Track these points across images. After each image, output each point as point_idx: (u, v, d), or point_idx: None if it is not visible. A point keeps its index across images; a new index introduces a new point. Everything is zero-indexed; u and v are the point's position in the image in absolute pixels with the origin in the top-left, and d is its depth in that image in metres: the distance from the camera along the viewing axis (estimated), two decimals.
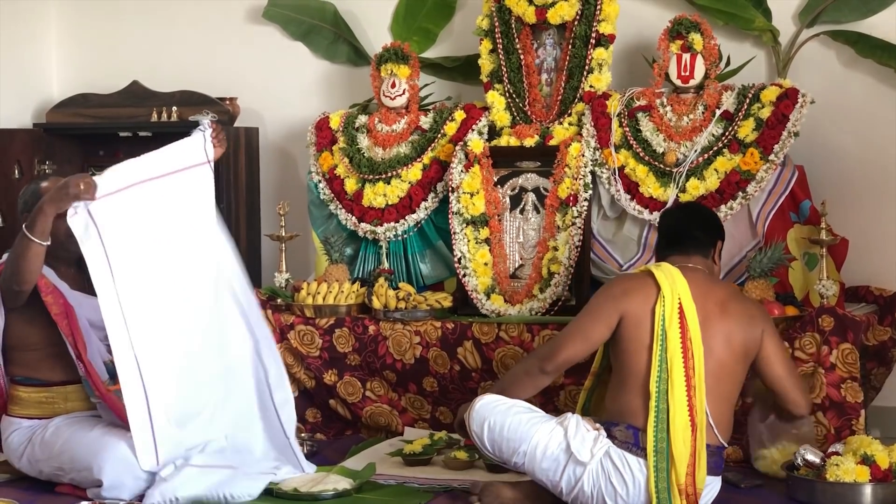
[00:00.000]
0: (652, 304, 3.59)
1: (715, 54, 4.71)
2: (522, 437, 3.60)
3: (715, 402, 3.56)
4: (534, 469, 3.61)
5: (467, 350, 4.62)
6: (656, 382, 3.51)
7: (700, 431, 3.49)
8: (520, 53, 4.98)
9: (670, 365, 3.51)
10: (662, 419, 3.49)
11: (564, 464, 3.55)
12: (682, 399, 3.49)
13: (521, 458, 3.61)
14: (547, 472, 3.58)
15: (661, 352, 3.54)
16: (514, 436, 3.62)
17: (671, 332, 3.54)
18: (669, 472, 3.47)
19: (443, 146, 5.02)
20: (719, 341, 3.59)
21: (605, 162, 4.76)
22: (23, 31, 5.98)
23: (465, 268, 4.83)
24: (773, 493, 3.92)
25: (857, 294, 4.74)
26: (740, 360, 3.63)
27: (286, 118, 5.78)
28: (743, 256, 4.58)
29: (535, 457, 3.58)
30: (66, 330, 4.01)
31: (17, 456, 4.09)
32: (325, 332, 4.79)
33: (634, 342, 3.60)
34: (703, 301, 3.61)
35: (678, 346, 3.53)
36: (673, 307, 3.56)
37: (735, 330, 3.61)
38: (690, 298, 3.59)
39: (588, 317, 3.70)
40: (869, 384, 4.50)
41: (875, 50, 4.82)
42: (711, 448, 3.55)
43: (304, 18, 5.70)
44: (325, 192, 5.16)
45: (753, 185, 4.52)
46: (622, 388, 3.61)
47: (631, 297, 3.64)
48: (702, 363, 3.53)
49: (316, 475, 4.06)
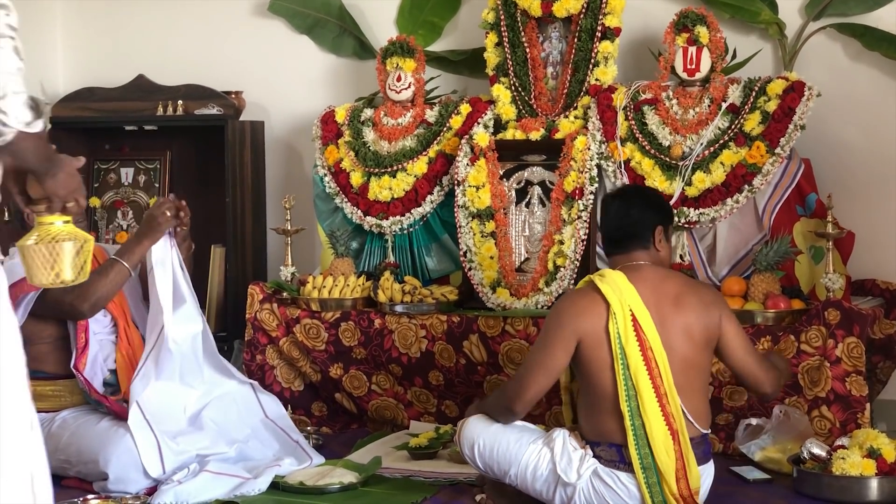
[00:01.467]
0: (605, 322, 3.45)
1: (721, 47, 4.70)
2: (511, 461, 3.56)
3: (688, 396, 3.46)
4: (527, 489, 3.58)
5: (473, 344, 4.62)
6: (626, 401, 3.41)
7: (682, 435, 3.42)
8: (525, 47, 4.97)
9: (636, 381, 3.41)
10: (641, 435, 3.40)
11: (555, 485, 3.51)
12: (655, 412, 3.40)
13: (514, 479, 3.57)
14: (540, 493, 3.55)
15: (623, 370, 3.42)
16: (504, 458, 3.57)
17: (629, 348, 3.42)
18: (661, 485, 3.41)
19: (448, 140, 5.02)
20: (679, 336, 3.47)
21: (610, 155, 4.75)
22: (28, 25, 5.94)
23: (471, 261, 4.83)
24: (781, 487, 3.91)
25: (864, 287, 4.73)
26: (703, 349, 3.51)
27: (292, 112, 5.78)
28: (749, 250, 4.58)
29: (527, 479, 3.55)
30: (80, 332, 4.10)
31: None
32: (331, 325, 4.79)
33: (596, 363, 3.47)
34: (656, 301, 3.49)
35: (640, 361, 3.42)
36: (626, 322, 3.44)
37: (693, 321, 3.49)
38: (642, 304, 3.46)
39: (544, 349, 3.53)
40: (875, 378, 4.50)
41: (882, 43, 4.81)
42: (696, 440, 3.48)
43: (309, 12, 5.70)
44: (331, 185, 5.16)
45: (759, 178, 4.52)
46: (594, 410, 3.51)
47: (583, 319, 3.49)
48: (667, 369, 3.43)
49: (322, 469, 4.07)
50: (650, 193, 3.89)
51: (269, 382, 4.91)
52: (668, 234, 3.67)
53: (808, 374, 4.20)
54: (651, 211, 3.64)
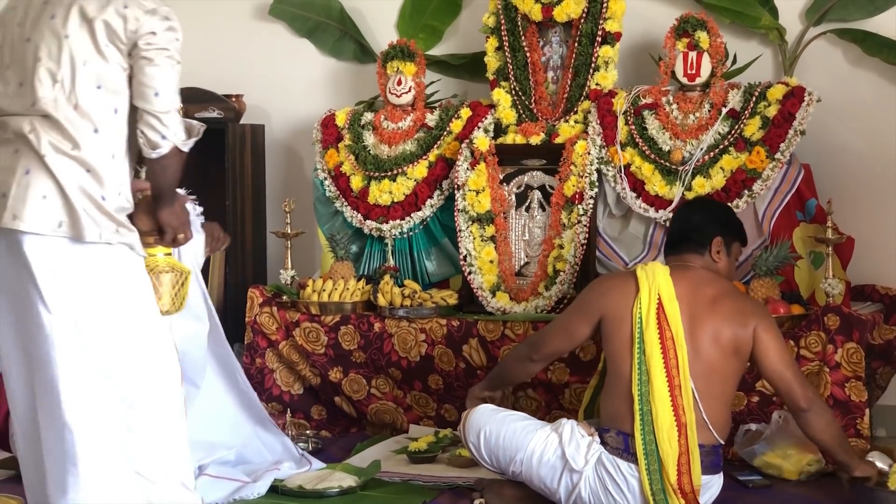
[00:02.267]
0: (631, 304, 3.57)
1: (721, 52, 4.70)
2: (518, 446, 3.60)
3: (707, 402, 3.49)
4: (531, 477, 3.60)
5: (472, 348, 4.62)
6: (637, 385, 3.48)
7: (690, 430, 3.45)
8: (526, 51, 4.98)
9: (649, 366, 3.47)
10: (648, 422, 3.45)
11: (561, 471, 3.54)
12: (664, 400, 3.45)
13: (518, 466, 3.60)
14: (544, 480, 3.57)
15: (639, 353, 3.50)
16: (511, 444, 3.61)
17: (648, 333, 3.50)
18: (661, 473, 3.44)
19: (449, 144, 5.02)
20: (707, 339, 3.52)
21: (610, 160, 4.75)
22: None
23: (471, 265, 4.83)
24: (780, 493, 3.92)
25: (863, 293, 4.73)
26: (730, 357, 3.54)
27: (292, 115, 5.78)
28: (749, 255, 4.57)
29: (532, 464, 3.58)
30: None
31: None
32: (331, 329, 4.79)
33: (617, 343, 3.57)
34: (691, 298, 3.55)
35: (657, 348, 3.48)
36: (650, 307, 3.52)
37: (723, 327, 3.53)
38: (674, 297, 3.54)
39: (571, 314, 3.74)
40: (874, 383, 4.50)
41: (882, 48, 4.81)
42: (707, 448, 3.50)
43: (310, 15, 5.71)
44: (331, 189, 5.17)
45: (759, 183, 4.52)
46: (611, 393, 3.60)
47: (610, 296, 3.63)
48: (685, 363, 3.47)
49: (321, 472, 4.07)
50: (718, 206, 4.00)
51: (269, 386, 4.91)
52: (729, 248, 3.75)
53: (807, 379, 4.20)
54: (714, 222, 3.75)
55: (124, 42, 3.16)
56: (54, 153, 3.13)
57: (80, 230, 3.13)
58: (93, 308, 3.17)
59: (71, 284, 3.14)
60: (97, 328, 3.18)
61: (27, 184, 3.13)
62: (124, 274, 3.24)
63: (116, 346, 3.20)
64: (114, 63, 3.18)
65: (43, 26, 3.18)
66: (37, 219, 3.12)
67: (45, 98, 3.15)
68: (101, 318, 3.18)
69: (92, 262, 3.17)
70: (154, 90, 3.17)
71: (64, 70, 3.15)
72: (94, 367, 3.16)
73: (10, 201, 3.13)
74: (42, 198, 3.13)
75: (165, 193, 3.36)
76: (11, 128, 3.20)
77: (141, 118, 3.19)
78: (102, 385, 3.17)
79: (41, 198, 3.13)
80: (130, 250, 3.24)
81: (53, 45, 3.16)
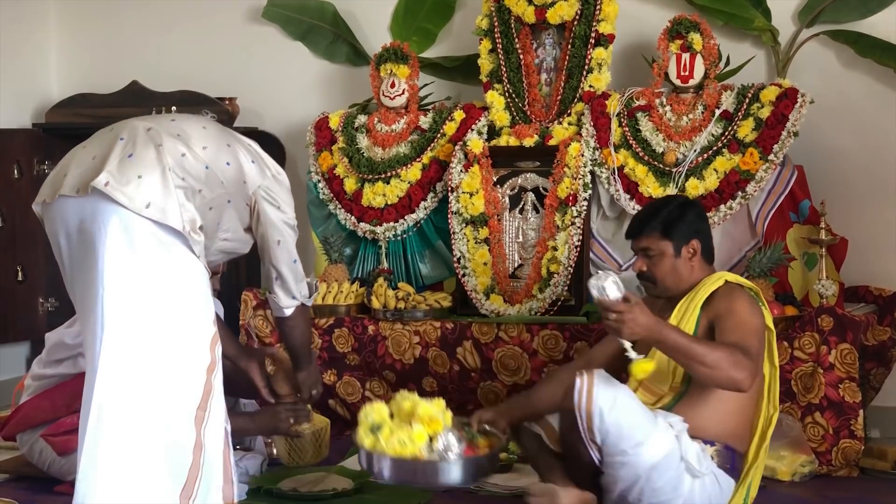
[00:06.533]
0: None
1: (714, 54, 4.71)
2: (647, 433, 3.29)
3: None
4: (637, 464, 3.30)
5: (467, 350, 4.62)
6: (767, 402, 3.52)
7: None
8: (519, 53, 4.98)
9: (772, 382, 3.53)
10: (763, 439, 3.51)
11: (677, 471, 3.34)
12: (775, 418, 3.53)
13: (633, 450, 3.28)
14: (650, 473, 3.30)
15: (770, 370, 3.53)
16: (640, 425, 3.30)
17: (770, 350, 3.52)
18: (749, 489, 3.51)
19: (442, 146, 5.02)
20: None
21: (604, 162, 4.76)
22: (22, 31, 5.98)
23: (465, 268, 4.83)
24: (775, 494, 3.92)
25: (857, 294, 4.74)
26: None
27: (285, 118, 5.78)
28: (742, 256, 4.58)
29: (648, 455, 3.29)
30: None
31: (29, 442, 4.09)
32: (325, 332, 4.79)
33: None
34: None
35: (775, 363, 3.54)
36: (769, 319, 3.54)
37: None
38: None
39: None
40: (868, 384, 4.50)
41: (874, 50, 4.82)
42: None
43: (303, 18, 5.71)
44: (325, 191, 5.17)
45: (753, 184, 4.52)
46: (730, 410, 3.45)
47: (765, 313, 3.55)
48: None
49: (316, 475, 4.07)
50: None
51: None
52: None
53: (801, 380, 4.21)
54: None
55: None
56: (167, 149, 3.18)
57: (166, 215, 3.07)
58: (148, 294, 3.08)
59: (135, 267, 3.06)
60: (147, 315, 3.08)
61: (129, 162, 3.11)
62: (185, 270, 3.14)
63: (159, 338, 3.09)
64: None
65: None
66: (129, 193, 3.06)
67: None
68: (153, 306, 3.08)
69: (164, 249, 3.09)
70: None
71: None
72: (135, 355, 3.07)
73: (106, 166, 3.09)
74: (138, 177, 3.08)
75: (301, 355, 3.76)
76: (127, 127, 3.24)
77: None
78: (137, 373, 3.06)
79: (136, 177, 3.08)
80: (193, 254, 3.16)
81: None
